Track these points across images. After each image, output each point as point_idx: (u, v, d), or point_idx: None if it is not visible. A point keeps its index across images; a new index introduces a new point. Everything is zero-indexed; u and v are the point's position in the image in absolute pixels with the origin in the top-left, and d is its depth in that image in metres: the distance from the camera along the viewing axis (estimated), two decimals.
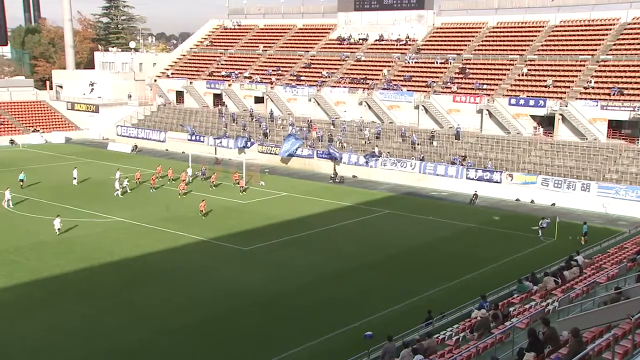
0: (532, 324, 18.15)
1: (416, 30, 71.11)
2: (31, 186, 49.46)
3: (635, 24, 59.62)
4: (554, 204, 47.32)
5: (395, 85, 64.75)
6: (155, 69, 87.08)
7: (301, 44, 78.48)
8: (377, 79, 67.11)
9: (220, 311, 26.51)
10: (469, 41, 66.90)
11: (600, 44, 58.79)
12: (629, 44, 57.02)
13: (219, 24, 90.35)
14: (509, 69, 61.14)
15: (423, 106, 61.12)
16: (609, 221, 42.90)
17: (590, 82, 54.95)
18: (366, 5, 74.30)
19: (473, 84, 60.50)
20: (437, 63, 65.83)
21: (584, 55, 58.37)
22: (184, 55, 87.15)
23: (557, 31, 63.12)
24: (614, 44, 58.11)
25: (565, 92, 55.41)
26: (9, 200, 43.05)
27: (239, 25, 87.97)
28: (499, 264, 33.07)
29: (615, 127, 52.43)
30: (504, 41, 64.62)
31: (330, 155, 58.49)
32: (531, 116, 55.86)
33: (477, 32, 68.02)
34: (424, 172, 54.49)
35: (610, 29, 60.25)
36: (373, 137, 61.13)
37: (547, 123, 55.38)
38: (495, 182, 50.94)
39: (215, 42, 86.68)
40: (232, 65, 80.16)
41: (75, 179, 51.85)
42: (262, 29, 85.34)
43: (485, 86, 59.79)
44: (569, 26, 63.18)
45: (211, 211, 41.20)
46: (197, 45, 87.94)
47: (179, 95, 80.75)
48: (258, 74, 76.01)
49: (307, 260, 33.36)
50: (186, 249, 34.99)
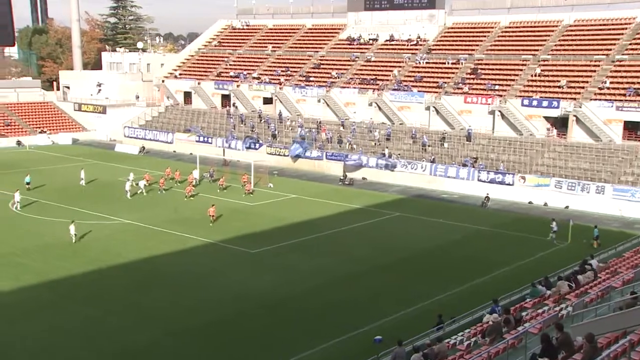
0: (546, 329, 18.04)
1: (427, 30, 71.04)
2: (37, 188, 49.71)
3: None
4: (567, 207, 47.05)
5: (406, 86, 64.67)
6: (163, 69, 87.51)
7: (310, 44, 78.60)
8: (388, 80, 67.05)
9: (228, 314, 26.57)
10: (481, 41, 66.73)
11: (615, 44, 58.44)
12: None
13: (227, 24, 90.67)
14: (521, 70, 60.92)
15: (434, 107, 61.01)
16: (625, 224, 42.61)
17: (605, 82, 54.64)
18: (376, 4, 74.27)
19: (485, 84, 60.33)
20: (448, 63, 65.71)
21: (598, 55, 58.04)
22: (192, 56, 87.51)
23: (571, 30, 62.81)
24: (630, 44, 57.74)
25: (579, 93, 55.12)
26: (17, 202, 43.37)
27: (247, 26, 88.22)
28: (511, 268, 32.92)
29: (631, 128, 52.06)
30: (516, 41, 64.40)
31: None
32: (544, 117, 55.61)
33: (489, 31, 67.84)
34: (434, 174, 54.36)
35: (626, 29, 59.87)
36: (383, 138, 61.07)
37: (560, 124, 55.11)
38: (507, 184, 50.74)
39: (223, 43, 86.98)
40: (240, 65, 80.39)
41: (82, 179, 52.44)
42: (271, 29, 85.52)
43: (497, 87, 59.59)
44: (583, 25, 62.85)
45: (221, 216, 41.22)
46: (205, 46, 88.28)
47: (187, 96, 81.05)
48: (267, 74, 76.18)
49: (316, 263, 33.43)
50: (194, 251, 35.12)
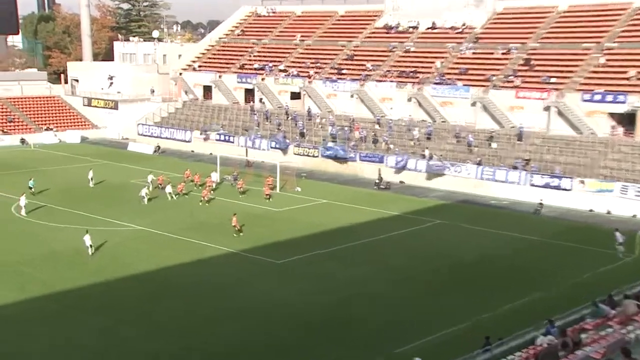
0: (610, 355, 17.74)
1: (474, 17, 70.45)
2: (43, 192, 50.22)
3: None
4: (634, 216, 46.21)
5: (450, 79, 64.29)
6: (181, 61, 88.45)
7: (343, 33, 78.53)
8: (429, 73, 66.67)
9: (251, 326, 27.01)
10: (535, 28, 65.94)
11: None
12: None
13: (251, 11, 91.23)
14: (582, 60, 60.01)
15: (481, 103, 60.53)
16: None
17: None
18: None
19: (539, 77, 59.60)
20: (497, 54, 65.18)
21: None
22: (212, 46, 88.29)
23: None
24: None
25: None
26: (23, 207, 43.91)
27: (273, 13, 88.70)
28: (568, 284, 32.40)
29: None
30: (577, 27, 63.32)
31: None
32: (609, 114, 54.62)
33: (545, 17, 66.96)
34: (481, 178, 53.90)
35: None
36: (423, 137, 60.83)
37: (627, 121, 54.02)
38: (564, 189, 50.00)
39: (247, 32, 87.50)
40: (265, 57, 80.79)
41: (92, 179, 53.44)
42: (300, 16, 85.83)
43: (553, 80, 58.80)
44: None
45: (243, 225, 41.36)
46: (227, 35, 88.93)
47: (207, 91, 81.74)
48: (295, 66, 76.47)
49: (349, 274, 33.59)
50: (213, 261, 35.45)
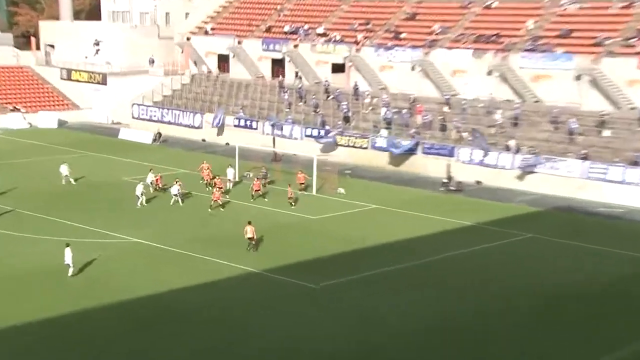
0: None
1: None
2: (8, 193, 51.08)
3: None
4: None
5: (546, 44, 63.85)
6: (189, 22, 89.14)
7: None
8: (517, 36, 66.36)
9: None
10: None
11: None
12: None
13: None
14: None
15: (589, 76, 60.05)
16: None
17: None
18: None
19: None
20: (614, 8, 64.34)
21: None
22: (230, 2, 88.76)
23: None
24: None
25: None
26: None
27: None
28: None
29: None
30: None
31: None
32: None
33: None
34: (587, 177, 53.60)
35: None
36: (508, 123, 60.55)
37: None
38: None
39: None
40: (299, 16, 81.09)
41: (66, 176, 53.88)
42: None
43: None
44: None
45: (261, 238, 41.59)
46: None
47: (223, 61, 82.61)
48: (337, 29, 76.68)
49: (406, 305, 33.55)
50: (229, 284, 35.66)
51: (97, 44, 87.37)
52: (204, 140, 73.04)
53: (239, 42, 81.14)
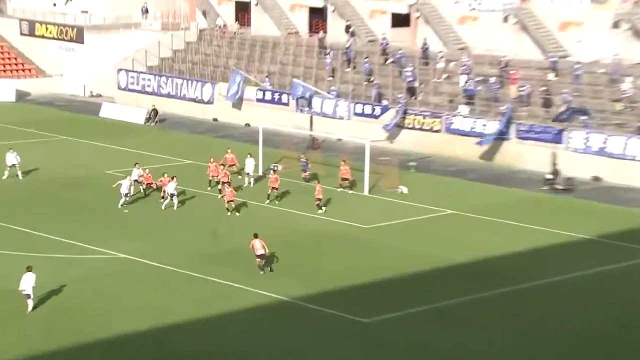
0: None
1: None
2: None
3: None
4: None
5: None
6: None
7: None
8: None
9: None
10: None
11: None
12: None
13: None
14: None
15: None
16: None
17: None
18: None
19: None
20: None
21: None
22: None
23: None
24: None
25: None
26: None
27: None
28: None
29: None
30: None
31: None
32: None
33: None
34: None
35: None
36: None
37: None
38: None
39: None
40: None
41: (12, 167, 53.80)
42: None
43: None
44: None
45: (274, 255, 41.23)
46: None
47: (242, 10, 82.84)
48: None
49: (492, 350, 33.00)
50: (248, 317, 35.16)
51: None
52: (215, 120, 73.23)
53: None
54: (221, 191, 50.50)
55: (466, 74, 65.69)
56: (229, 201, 48.46)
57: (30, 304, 34.96)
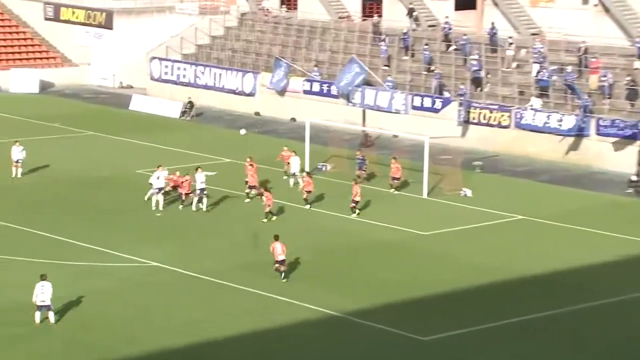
0: None
1: None
2: None
3: None
4: None
5: None
6: None
7: None
8: None
9: None
10: None
11: None
12: None
13: None
14: None
15: None
16: None
17: None
18: None
19: None
20: None
21: None
22: None
23: None
24: None
25: None
26: None
27: None
28: None
29: None
30: None
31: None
32: None
33: None
34: None
35: None
36: None
37: None
38: None
39: None
40: None
41: (18, 163, 54.22)
42: None
43: None
44: None
45: (298, 260, 41.82)
46: None
47: None
48: None
49: None
50: (294, 333, 35.34)
51: None
52: (257, 114, 73.39)
53: None
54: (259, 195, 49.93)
55: (539, 62, 65.11)
56: (268, 205, 48.24)
57: (52, 315, 34.63)
